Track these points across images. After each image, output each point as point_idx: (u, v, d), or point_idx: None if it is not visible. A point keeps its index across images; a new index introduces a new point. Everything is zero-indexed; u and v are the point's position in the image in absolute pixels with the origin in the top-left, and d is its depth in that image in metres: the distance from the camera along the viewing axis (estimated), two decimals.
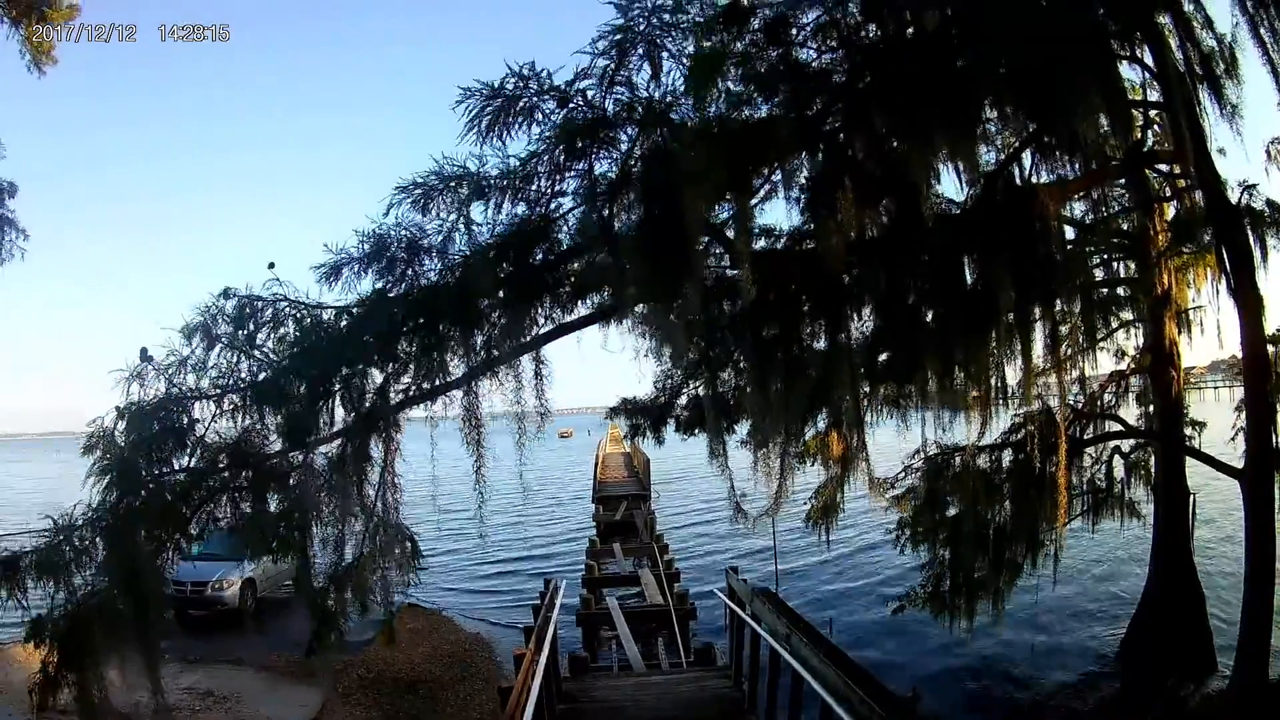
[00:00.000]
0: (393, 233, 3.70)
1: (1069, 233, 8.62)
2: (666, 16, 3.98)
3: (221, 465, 3.60)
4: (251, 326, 3.81)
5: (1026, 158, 6.44)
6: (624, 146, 3.82)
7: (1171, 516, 10.86)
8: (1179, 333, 11.05)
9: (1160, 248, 9.97)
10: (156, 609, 3.79)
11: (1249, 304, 7.08)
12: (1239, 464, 7.56)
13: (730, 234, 4.20)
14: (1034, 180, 6.05)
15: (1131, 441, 11.42)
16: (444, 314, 3.60)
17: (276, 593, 17.55)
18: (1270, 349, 8.07)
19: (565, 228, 3.76)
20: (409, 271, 3.71)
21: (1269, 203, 8.42)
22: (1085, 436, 10.21)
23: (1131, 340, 11.62)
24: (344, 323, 3.70)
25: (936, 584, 9.69)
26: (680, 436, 9.99)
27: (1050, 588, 11.35)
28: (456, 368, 4.00)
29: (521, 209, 3.69)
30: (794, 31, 4.88)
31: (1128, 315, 11.36)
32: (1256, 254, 7.62)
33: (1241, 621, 7.40)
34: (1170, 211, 10.00)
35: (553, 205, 3.70)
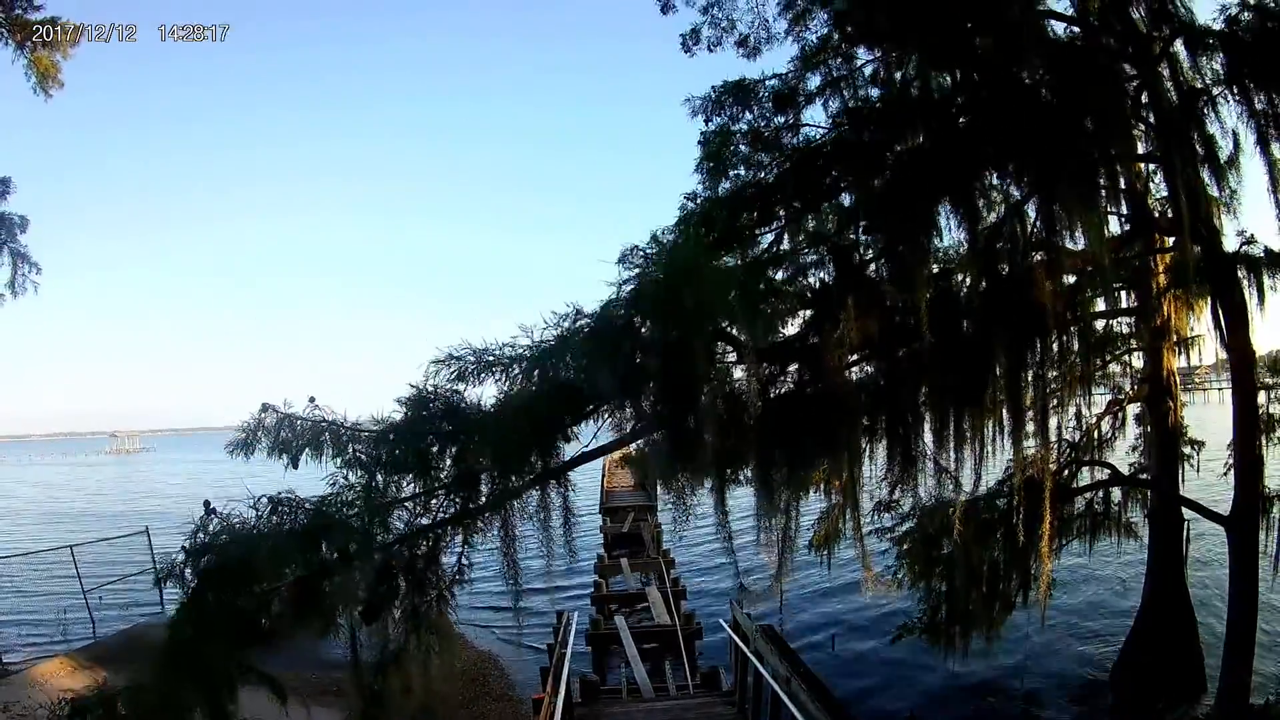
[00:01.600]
0: (431, 394, 3.94)
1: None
2: None
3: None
4: (289, 434, 4.09)
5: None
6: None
7: (1165, 543, 11.16)
8: (1177, 362, 11.29)
9: (1161, 285, 10.19)
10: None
11: (1241, 357, 7.33)
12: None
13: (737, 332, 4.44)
14: (1034, 232, 6.33)
15: (1128, 472, 11.71)
16: (481, 449, 3.83)
17: None
18: (1261, 398, 8.31)
19: (585, 386, 3.98)
20: (445, 426, 3.96)
21: (1267, 251, 8.60)
22: (1076, 485, 10.46)
23: (1129, 374, 11.85)
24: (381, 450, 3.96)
25: (933, 615, 10.03)
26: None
27: (1046, 615, 11.68)
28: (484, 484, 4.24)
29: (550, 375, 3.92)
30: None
31: (1126, 343, 11.55)
32: (1254, 302, 7.85)
33: (1224, 662, 7.74)
34: (1169, 258, 10.21)
35: (572, 376, 3.94)
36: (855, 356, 4.80)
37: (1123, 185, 7.60)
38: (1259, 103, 6.14)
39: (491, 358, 3.80)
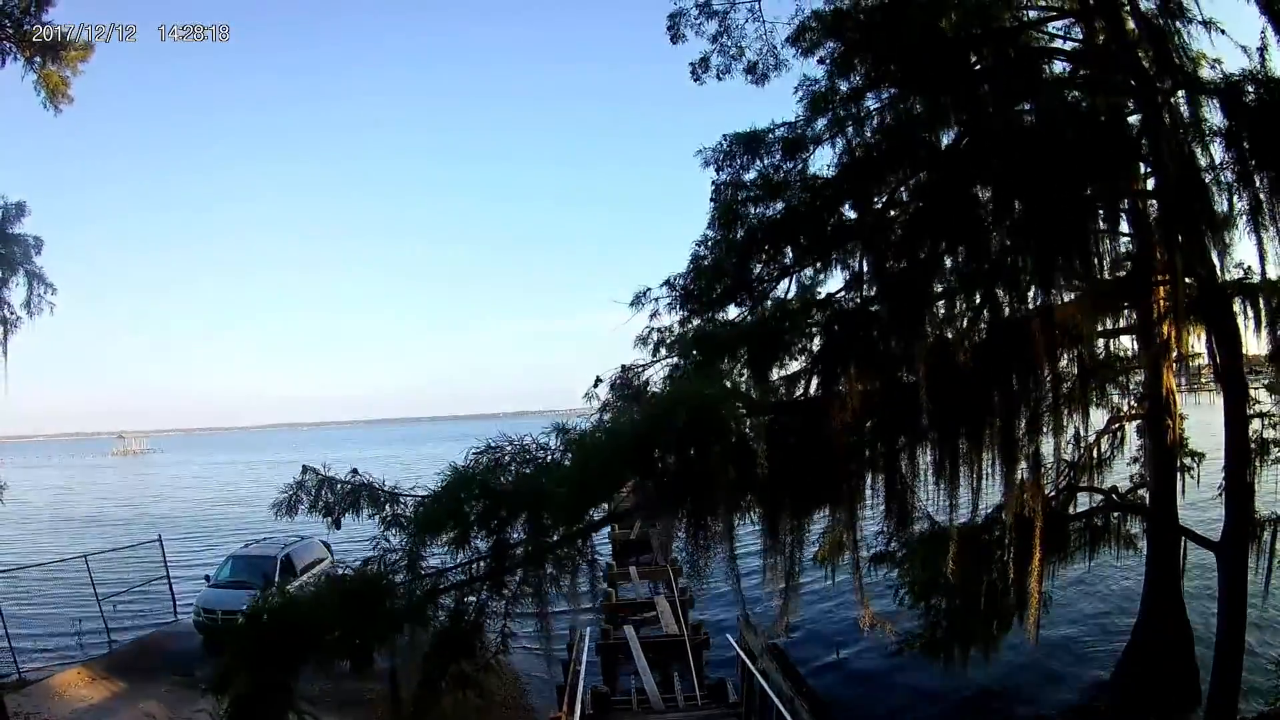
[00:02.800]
0: (470, 476, 4.19)
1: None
2: None
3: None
4: (330, 496, 4.35)
5: None
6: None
7: (1162, 558, 11.39)
8: (1177, 381, 11.45)
9: (1162, 309, 10.35)
10: None
11: (1234, 389, 7.55)
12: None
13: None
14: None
15: (1127, 484, 11.94)
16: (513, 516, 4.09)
17: None
18: (1256, 424, 8.51)
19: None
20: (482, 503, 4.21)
21: (1265, 280, 8.74)
22: (1074, 508, 10.69)
23: (1128, 391, 12.00)
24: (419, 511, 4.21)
25: (933, 631, 10.27)
26: None
27: (1044, 629, 11.90)
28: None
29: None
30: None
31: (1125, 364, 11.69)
32: (1249, 329, 8.02)
33: (1211, 682, 8.01)
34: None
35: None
36: (859, 406, 5.05)
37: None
38: (1259, 181, 6.26)
39: (528, 454, 4.05)
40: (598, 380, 4.05)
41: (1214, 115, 6.39)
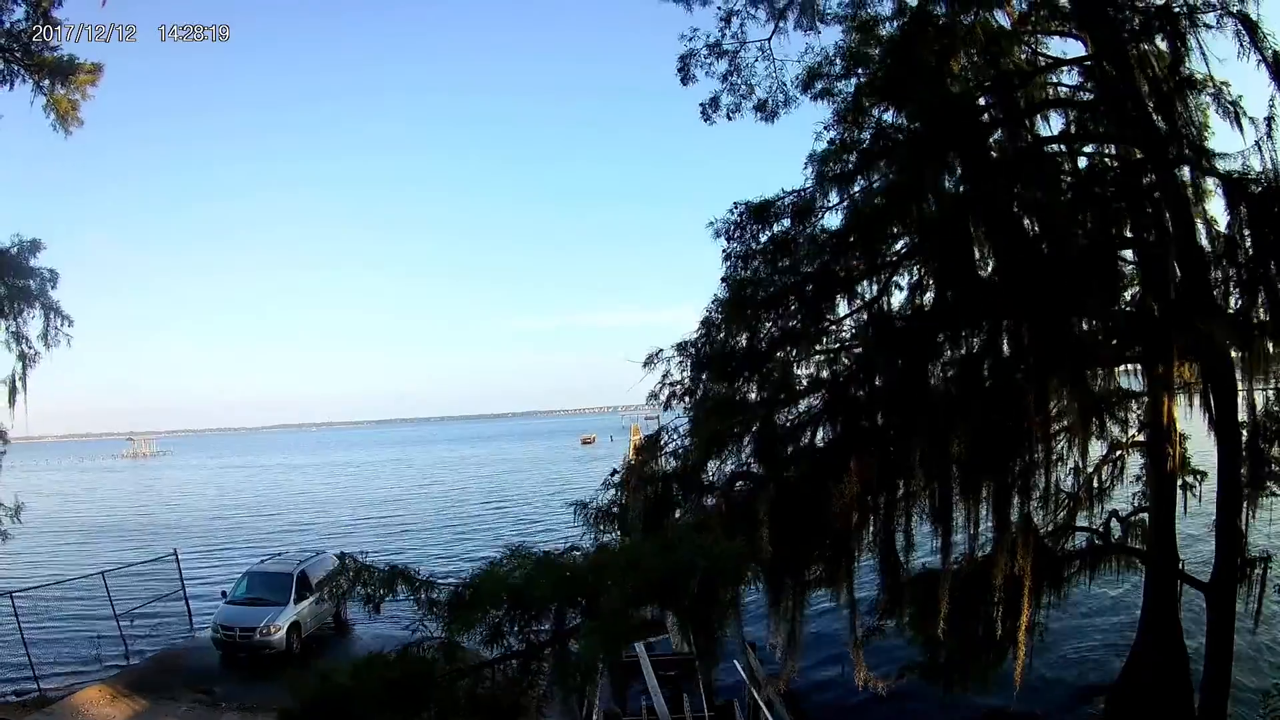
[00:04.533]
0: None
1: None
2: None
3: None
4: (370, 582, 4.64)
5: None
6: None
7: (1160, 582, 11.56)
8: (1178, 407, 11.59)
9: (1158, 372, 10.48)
10: None
11: (1228, 439, 7.75)
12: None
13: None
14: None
15: (1128, 508, 12.10)
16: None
17: (320, 630, 18.72)
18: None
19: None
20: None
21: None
22: (1071, 544, 10.86)
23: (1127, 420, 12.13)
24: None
25: (933, 659, 10.47)
26: None
27: (1045, 645, 12.08)
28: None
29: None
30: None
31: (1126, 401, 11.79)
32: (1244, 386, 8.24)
33: (1199, 711, 8.23)
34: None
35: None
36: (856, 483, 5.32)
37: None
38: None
39: (554, 574, 4.30)
40: (614, 471, 4.32)
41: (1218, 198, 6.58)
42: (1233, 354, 7.91)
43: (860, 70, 8.69)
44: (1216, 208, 7.83)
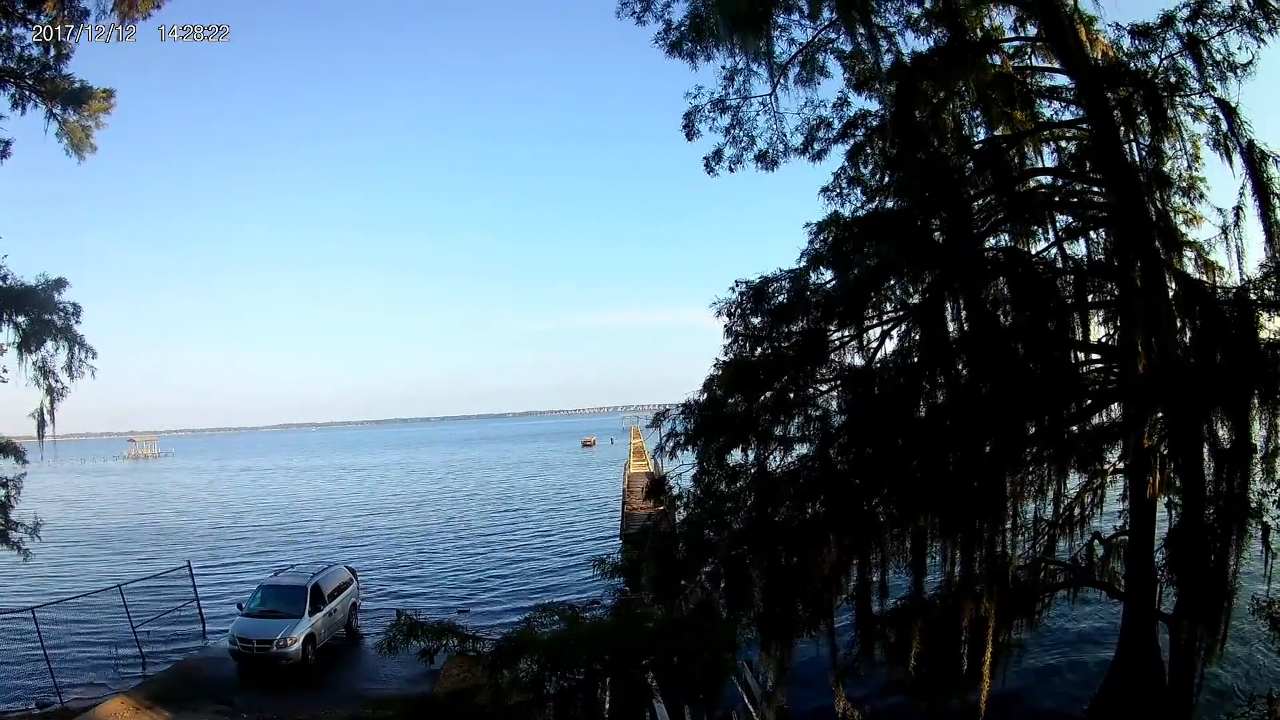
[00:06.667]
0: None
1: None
2: None
3: None
4: (425, 636, 5.26)
5: None
6: None
7: (1138, 601, 12.10)
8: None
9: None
10: None
11: (1192, 496, 8.31)
12: None
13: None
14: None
15: (1111, 530, 12.61)
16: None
17: (334, 640, 19.27)
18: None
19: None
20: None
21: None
22: (1049, 575, 11.35)
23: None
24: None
25: (915, 676, 11.00)
26: None
27: (1033, 652, 12.55)
28: None
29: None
30: None
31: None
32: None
33: None
34: None
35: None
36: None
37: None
38: None
39: (580, 632, 4.91)
40: (626, 535, 4.92)
41: None
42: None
43: (855, 132, 9.31)
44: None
